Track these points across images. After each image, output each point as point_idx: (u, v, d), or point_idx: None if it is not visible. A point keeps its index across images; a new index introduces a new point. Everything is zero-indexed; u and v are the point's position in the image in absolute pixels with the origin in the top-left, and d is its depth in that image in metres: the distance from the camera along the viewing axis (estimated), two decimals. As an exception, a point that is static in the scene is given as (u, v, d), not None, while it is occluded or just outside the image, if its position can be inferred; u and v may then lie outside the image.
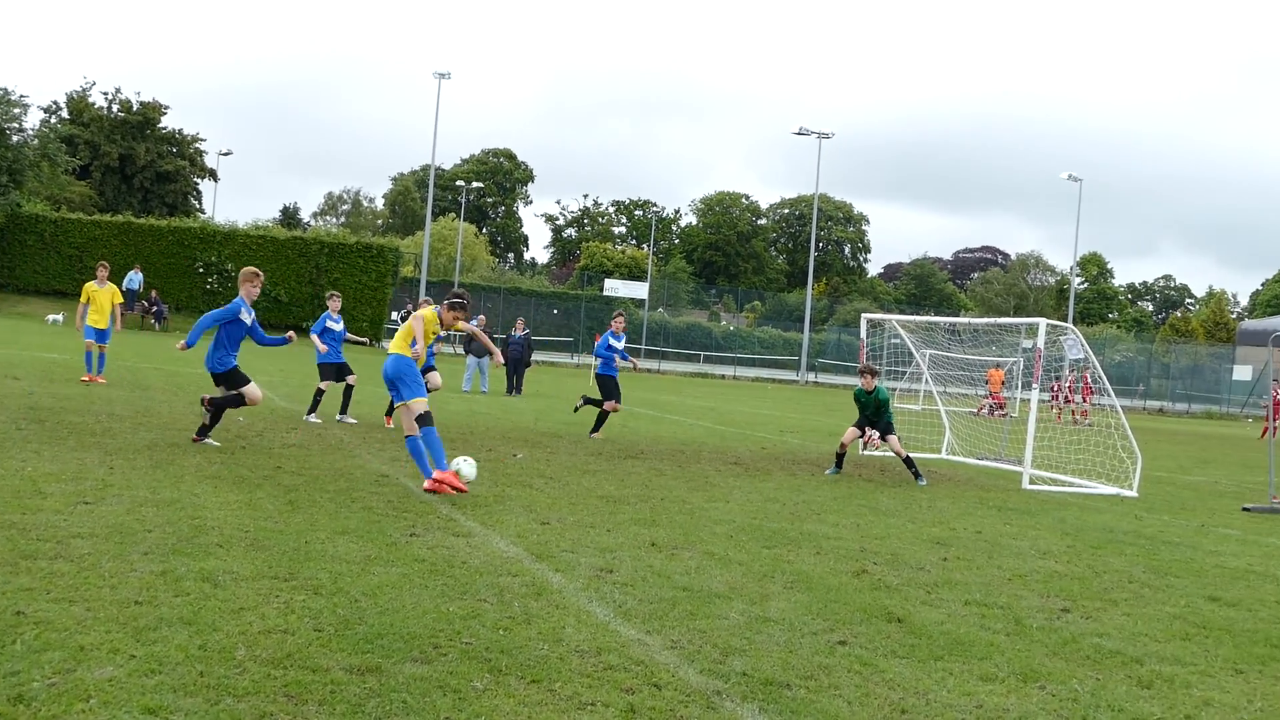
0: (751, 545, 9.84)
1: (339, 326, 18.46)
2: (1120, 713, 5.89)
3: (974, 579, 9.16)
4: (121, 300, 22.68)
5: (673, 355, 75.87)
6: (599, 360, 19.94)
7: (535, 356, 40.55)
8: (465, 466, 11.49)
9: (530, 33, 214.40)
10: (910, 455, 16.58)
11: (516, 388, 31.26)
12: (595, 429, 19.43)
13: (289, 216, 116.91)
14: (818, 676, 6.06)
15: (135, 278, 51.17)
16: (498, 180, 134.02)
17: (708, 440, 20.61)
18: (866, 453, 19.86)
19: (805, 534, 10.70)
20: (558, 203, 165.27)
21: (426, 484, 11.28)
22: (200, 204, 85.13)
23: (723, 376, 67.42)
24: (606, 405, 19.33)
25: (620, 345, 19.62)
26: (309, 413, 17.83)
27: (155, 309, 51.12)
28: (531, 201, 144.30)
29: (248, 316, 14.09)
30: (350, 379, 18.31)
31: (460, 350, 42.54)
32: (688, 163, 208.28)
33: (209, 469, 11.54)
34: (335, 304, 18.67)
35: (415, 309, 18.36)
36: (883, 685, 6.01)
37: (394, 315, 56.82)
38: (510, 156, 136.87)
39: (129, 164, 77.60)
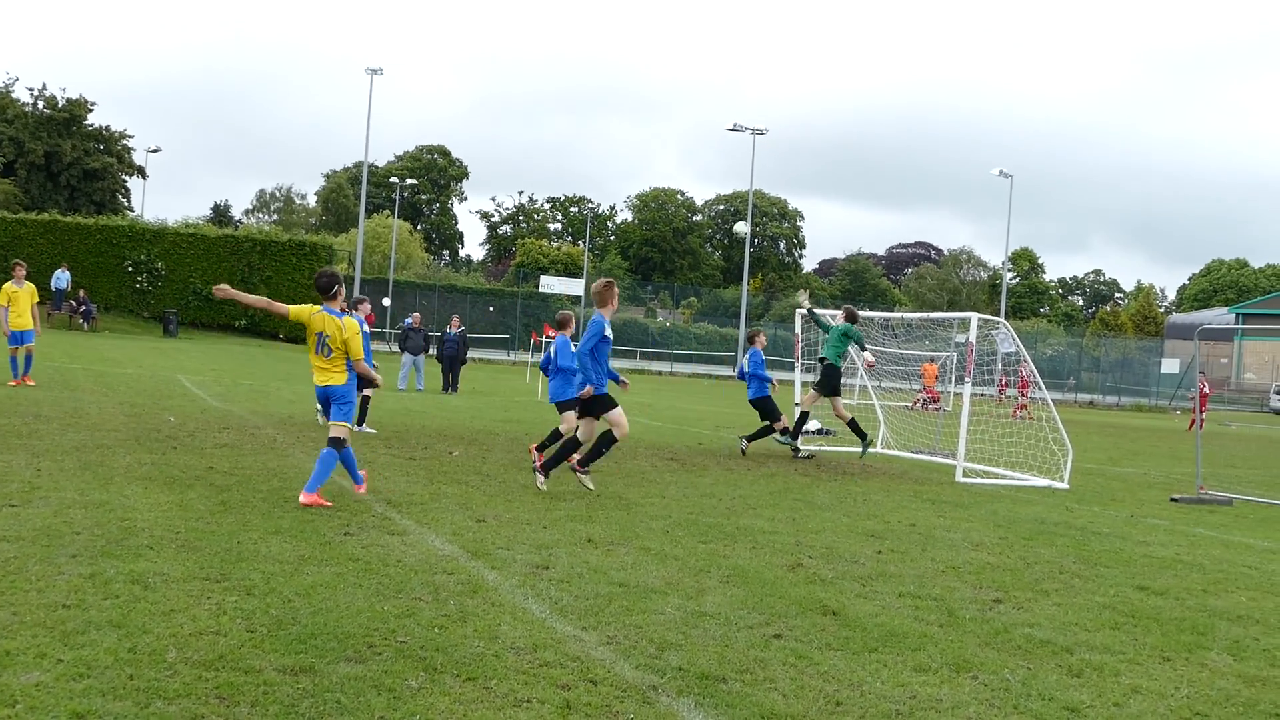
0: (688, 540, 9.87)
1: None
2: (1051, 701, 5.97)
3: (908, 571, 9.24)
4: (39, 300, 22.09)
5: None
6: (749, 384, 18.97)
7: (471, 354, 40.36)
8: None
9: (463, 29, 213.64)
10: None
11: (452, 385, 31.12)
12: (795, 451, 18.63)
13: (220, 214, 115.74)
14: (753, 670, 6.09)
15: (63, 277, 50.36)
16: (432, 177, 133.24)
17: (644, 436, 20.62)
18: (803, 447, 19.94)
19: (741, 529, 10.74)
20: (493, 199, 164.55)
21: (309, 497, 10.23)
22: (129, 202, 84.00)
23: (659, 373, 67.49)
24: (777, 426, 18.53)
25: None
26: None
27: (84, 309, 50.35)
28: (466, 198, 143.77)
29: (610, 332, 12.69)
30: (367, 391, 18.11)
31: (395, 348, 42.25)
32: (623, 159, 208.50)
33: (139, 470, 11.39)
34: (364, 308, 18.80)
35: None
36: (817, 677, 6.05)
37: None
38: (445, 153, 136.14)
39: (55, 161, 76.40)
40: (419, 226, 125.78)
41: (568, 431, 12.67)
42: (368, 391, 17.84)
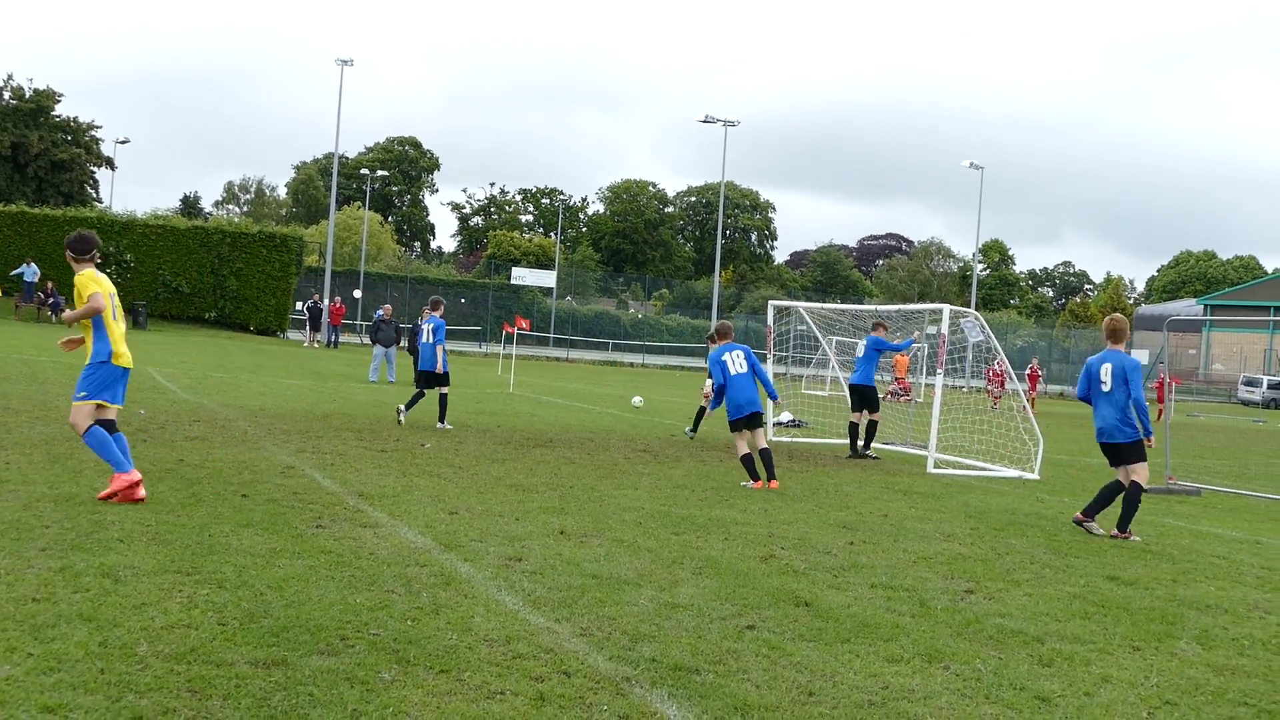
0: (660, 532, 9.87)
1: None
2: (1022, 691, 6.00)
3: (880, 562, 9.27)
4: None
5: (581, 344, 75.79)
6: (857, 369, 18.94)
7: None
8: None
9: (434, 19, 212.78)
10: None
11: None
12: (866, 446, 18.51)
13: (189, 206, 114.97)
14: (726, 661, 6.10)
15: (31, 269, 49.94)
16: (403, 169, 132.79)
17: (617, 428, 20.63)
18: (774, 439, 19.99)
19: (714, 520, 10.75)
20: (464, 191, 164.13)
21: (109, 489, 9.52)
22: (97, 193, 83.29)
23: (631, 364, 67.51)
24: (873, 416, 18.53)
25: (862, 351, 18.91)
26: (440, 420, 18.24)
27: (52, 301, 49.95)
28: (438, 190, 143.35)
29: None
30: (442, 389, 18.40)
31: (367, 340, 42.12)
32: (595, 151, 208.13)
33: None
34: (442, 309, 19.16)
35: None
36: (790, 668, 6.06)
37: (299, 306, 56.13)
38: (416, 144, 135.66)
39: (22, 152, 75.59)
40: (390, 218, 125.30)
41: (1131, 479, 11.65)
42: (444, 390, 18.33)
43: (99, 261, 10.08)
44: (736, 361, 14.00)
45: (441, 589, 7.16)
